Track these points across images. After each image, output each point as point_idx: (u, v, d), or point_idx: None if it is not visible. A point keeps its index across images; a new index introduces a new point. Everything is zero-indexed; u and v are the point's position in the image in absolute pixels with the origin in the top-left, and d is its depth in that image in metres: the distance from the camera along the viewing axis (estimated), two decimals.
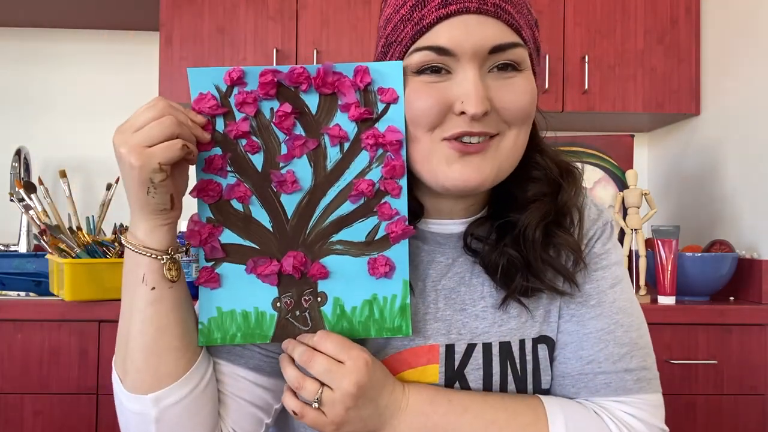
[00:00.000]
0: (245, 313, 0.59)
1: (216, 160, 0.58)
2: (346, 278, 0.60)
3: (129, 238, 0.58)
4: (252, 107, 0.58)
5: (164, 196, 0.55)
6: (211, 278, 0.59)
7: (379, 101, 0.59)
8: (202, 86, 0.58)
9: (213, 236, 0.59)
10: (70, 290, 1.40)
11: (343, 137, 0.59)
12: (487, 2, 0.57)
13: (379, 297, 0.60)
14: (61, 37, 2.16)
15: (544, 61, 1.84)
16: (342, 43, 1.84)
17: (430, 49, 0.58)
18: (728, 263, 1.60)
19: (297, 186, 0.59)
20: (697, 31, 1.89)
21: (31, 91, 2.17)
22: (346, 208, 0.60)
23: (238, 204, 0.59)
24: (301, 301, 0.60)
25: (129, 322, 0.58)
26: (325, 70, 0.58)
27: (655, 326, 1.50)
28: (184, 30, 1.83)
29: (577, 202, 0.67)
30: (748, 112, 1.70)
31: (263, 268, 0.59)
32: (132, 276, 0.58)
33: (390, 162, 0.60)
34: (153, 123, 0.53)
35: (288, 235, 0.60)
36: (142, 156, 0.53)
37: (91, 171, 2.16)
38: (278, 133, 0.59)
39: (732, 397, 1.51)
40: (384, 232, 0.60)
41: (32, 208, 1.50)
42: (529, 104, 0.61)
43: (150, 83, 2.10)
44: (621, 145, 1.74)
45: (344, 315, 0.60)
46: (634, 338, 0.66)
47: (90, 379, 1.44)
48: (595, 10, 1.88)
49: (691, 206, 1.97)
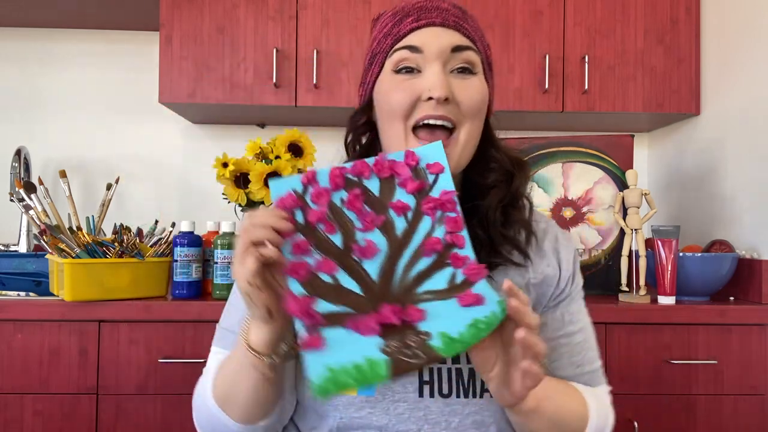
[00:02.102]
0: (357, 365, 0.63)
1: (301, 244, 0.67)
2: (443, 316, 0.66)
3: (244, 335, 0.70)
4: (325, 198, 0.68)
5: (261, 309, 0.65)
6: (314, 342, 0.63)
7: (428, 174, 0.71)
8: (281, 191, 0.68)
9: (309, 306, 0.64)
10: (70, 290, 1.40)
11: (406, 208, 0.70)
12: (449, 19, 0.76)
13: (480, 317, 0.66)
14: (61, 37, 2.16)
15: (544, 62, 1.85)
16: (342, 43, 1.84)
17: (405, 48, 0.76)
18: (728, 263, 1.60)
19: (377, 249, 0.68)
20: (697, 31, 1.89)
21: (31, 91, 2.17)
22: (422, 264, 0.68)
23: (327, 276, 0.67)
24: (407, 341, 0.65)
25: (238, 382, 0.72)
26: (381, 159, 0.70)
27: (655, 326, 1.51)
28: (184, 30, 1.83)
29: (526, 190, 0.83)
30: (748, 112, 1.70)
31: (363, 323, 0.65)
32: (244, 358, 0.70)
33: (450, 219, 0.69)
34: (237, 246, 0.64)
35: (377, 294, 0.67)
36: (236, 277, 0.64)
37: (91, 171, 2.16)
38: (350, 214, 0.69)
39: (732, 397, 1.51)
40: (462, 276, 0.68)
41: (32, 208, 1.50)
42: (481, 100, 0.77)
43: (150, 83, 2.11)
44: (621, 145, 1.74)
45: (453, 340, 0.64)
46: (593, 344, 0.87)
47: (90, 379, 1.44)
48: (595, 10, 1.88)
49: (691, 206, 1.97)
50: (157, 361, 1.45)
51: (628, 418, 1.48)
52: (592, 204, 1.76)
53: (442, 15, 0.76)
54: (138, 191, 2.17)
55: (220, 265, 1.50)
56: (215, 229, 1.59)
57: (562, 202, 1.78)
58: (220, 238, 1.50)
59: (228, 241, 1.50)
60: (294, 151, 1.61)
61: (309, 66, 1.83)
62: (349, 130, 0.86)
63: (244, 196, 1.59)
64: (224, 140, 2.18)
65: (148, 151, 2.18)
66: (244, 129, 2.18)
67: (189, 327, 1.45)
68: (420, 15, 0.76)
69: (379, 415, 0.76)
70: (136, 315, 1.44)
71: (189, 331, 1.45)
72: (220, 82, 1.83)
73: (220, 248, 1.50)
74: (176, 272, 1.51)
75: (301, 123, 2.11)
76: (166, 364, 1.45)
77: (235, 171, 1.58)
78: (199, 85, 1.83)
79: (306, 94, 1.84)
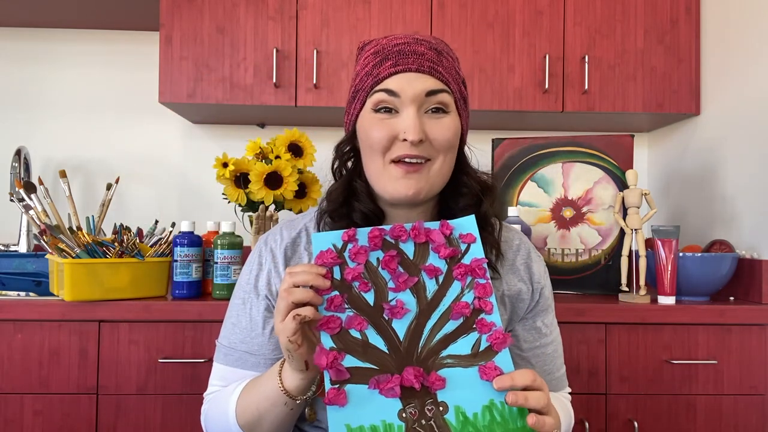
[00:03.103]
0: (373, 427, 0.66)
1: (335, 299, 0.72)
2: (462, 387, 0.69)
3: (281, 376, 0.77)
4: (363, 257, 0.74)
5: (299, 362, 0.73)
6: (338, 397, 0.67)
7: (461, 242, 0.77)
8: (323, 245, 0.74)
9: (337, 361, 0.69)
10: (70, 290, 1.40)
11: (438, 271, 0.75)
12: (424, 65, 0.83)
13: (496, 402, 0.68)
14: (61, 37, 2.16)
15: (544, 62, 1.85)
16: (342, 43, 1.84)
17: (383, 91, 0.83)
18: (728, 263, 1.60)
19: (406, 310, 0.72)
20: (697, 31, 1.89)
21: (31, 91, 2.17)
22: (449, 327, 0.72)
23: (356, 332, 0.71)
24: (424, 410, 0.68)
25: (265, 413, 0.80)
26: (419, 225, 0.77)
27: (655, 326, 1.51)
28: (184, 30, 1.83)
29: (495, 211, 0.90)
30: (748, 112, 1.70)
31: (385, 384, 0.68)
32: (275, 396, 0.78)
33: (479, 285, 0.74)
34: (278, 302, 0.72)
35: (402, 354, 0.70)
36: (278, 332, 0.71)
37: (91, 171, 2.16)
38: (384, 274, 0.74)
39: (732, 397, 1.51)
40: (486, 343, 0.71)
41: (32, 208, 1.50)
42: (452, 137, 0.84)
43: (150, 83, 2.11)
44: (621, 145, 1.74)
45: (468, 421, 0.67)
46: (561, 351, 0.99)
47: (90, 379, 1.44)
48: (595, 10, 1.88)
49: (691, 206, 1.97)
50: (157, 361, 1.45)
51: (628, 418, 1.48)
52: (592, 204, 1.76)
53: (418, 61, 0.83)
54: (138, 191, 2.17)
55: (220, 265, 1.50)
56: (215, 229, 1.59)
57: (562, 202, 1.78)
58: (220, 238, 1.50)
59: (228, 241, 1.50)
60: (294, 151, 1.61)
61: (309, 66, 1.83)
62: (336, 158, 0.92)
63: (244, 196, 1.59)
64: (224, 140, 2.18)
65: (148, 151, 2.18)
66: (244, 129, 2.18)
67: (189, 327, 1.45)
68: (398, 60, 0.83)
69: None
70: (136, 315, 1.44)
71: (189, 331, 1.45)
72: (220, 82, 1.83)
73: (220, 248, 1.50)
74: (176, 272, 1.51)
75: (301, 123, 2.10)
76: (166, 364, 1.45)
77: (235, 171, 1.58)
78: (199, 85, 1.83)
79: (306, 94, 1.84)
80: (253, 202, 1.60)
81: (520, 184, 1.81)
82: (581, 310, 1.49)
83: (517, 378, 0.68)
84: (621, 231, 1.71)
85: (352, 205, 0.88)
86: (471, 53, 1.85)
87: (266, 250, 0.92)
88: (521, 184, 1.81)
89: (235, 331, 0.90)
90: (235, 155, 1.63)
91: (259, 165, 1.56)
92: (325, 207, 0.90)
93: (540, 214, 1.79)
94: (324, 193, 0.92)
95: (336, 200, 0.88)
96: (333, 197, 0.89)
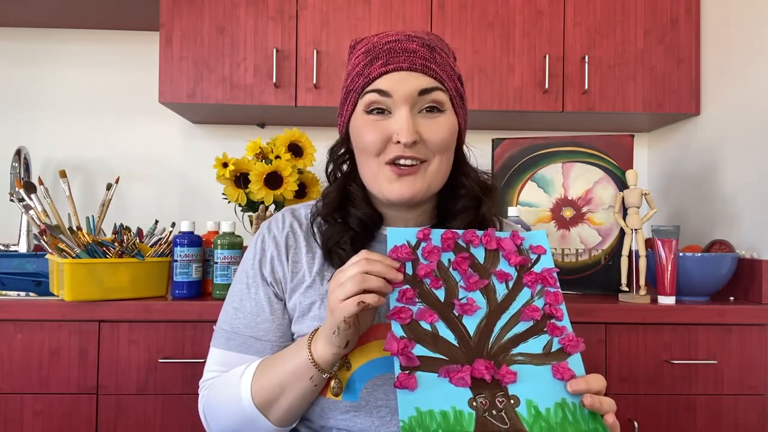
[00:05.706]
0: (443, 412, 0.67)
1: (407, 292, 0.73)
2: (534, 382, 0.69)
3: (311, 348, 0.77)
4: (436, 256, 0.76)
5: (343, 340, 0.73)
6: (408, 381, 0.68)
7: (531, 253, 0.79)
8: (398, 240, 0.76)
9: (407, 348, 0.69)
10: (70, 290, 1.40)
11: (508, 277, 0.77)
12: (416, 63, 0.80)
13: (568, 402, 0.68)
14: (61, 37, 2.16)
15: (544, 62, 1.85)
16: (342, 43, 1.84)
17: (375, 92, 0.81)
18: (728, 263, 1.60)
19: (477, 308, 0.73)
20: (697, 31, 1.89)
21: (31, 91, 2.17)
22: (520, 327, 0.73)
23: (427, 325, 0.72)
24: (495, 401, 0.68)
25: (288, 389, 0.78)
26: (490, 233, 0.78)
27: (655, 326, 1.51)
28: (184, 30, 1.83)
29: (496, 212, 0.89)
30: (748, 112, 1.70)
31: (456, 373, 0.68)
32: (302, 368, 0.77)
33: (550, 293, 0.76)
34: (347, 281, 0.70)
35: (473, 348, 0.71)
36: (336, 308, 0.70)
37: (91, 171, 2.16)
38: (455, 275, 0.76)
39: (732, 397, 1.51)
40: (558, 345, 0.72)
41: (32, 208, 1.50)
42: (448, 136, 0.82)
43: (150, 83, 2.11)
44: (621, 145, 1.74)
45: (540, 415, 0.67)
46: None
47: (90, 379, 1.44)
48: (595, 10, 1.88)
49: (691, 206, 1.97)
50: (157, 361, 1.44)
51: (628, 418, 1.48)
52: (592, 204, 1.76)
53: (410, 59, 0.81)
54: (138, 191, 2.17)
55: (220, 265, 1.50)
56: (215, 229, 1.59)
57: (562, 202, 1.78)
58: (220, 238, 1.50)
59: (228, 241, 1.50)
60: (294, 151, 1.61)
61: (309, 66, 1.83)
62: (330, 161, 0.91)
63: (244, 196, 1.59)
64: (224, 140, 2.18)
65: (148, 151, 2.18)
66: (244, 129, 2.18)
67: (189, 327, 1.45)
68: (389, 59, 0.81)
69: (363, 418, 0.80)
70: (136, 315, 1.44)
71: (189, 331, 1.45)
72: (220, 82, 1.83)
73: (220, 248, 1.50)
74: (176, 272, 1.51)
75: (301, 123, 2.10)
76: (166, 364, 1.45)
77: (235, 171, 1.58)
78: (199, 85, 1.83)
79: (306, 94, 1.84)
80: (253, 202, 1.60)
81: (520, 184, 1.81)
82: (581, 310, 1.49)
83: (591, 382, 0.68)
84: (621, 231, 1.71)
85: (349, 211, 0.87)
86: (471, 53, 1.85)
87: (269, 236, 0.91)
88: (521, 184, 1.81)
89: (238, 316, 0.88)
90: (235, 155, 1.63)
91: (259, 165, 1.56)
92: (320, 209, 0.89)
93: (540, 214, 1.79)
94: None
95: (331, 204, 0.88)
96: (328, 200, 0.88)
